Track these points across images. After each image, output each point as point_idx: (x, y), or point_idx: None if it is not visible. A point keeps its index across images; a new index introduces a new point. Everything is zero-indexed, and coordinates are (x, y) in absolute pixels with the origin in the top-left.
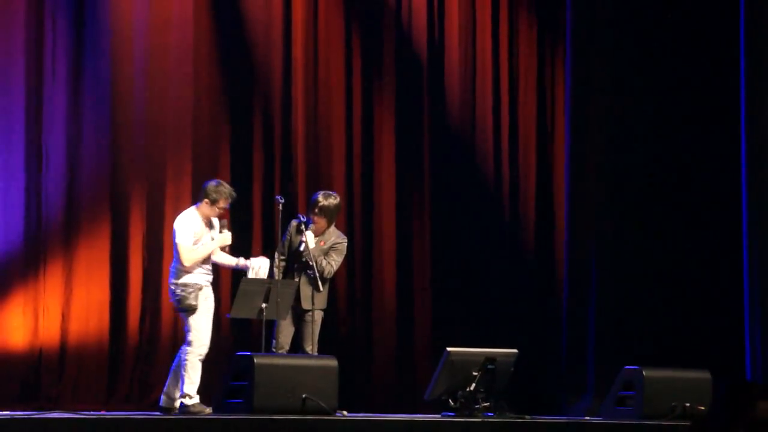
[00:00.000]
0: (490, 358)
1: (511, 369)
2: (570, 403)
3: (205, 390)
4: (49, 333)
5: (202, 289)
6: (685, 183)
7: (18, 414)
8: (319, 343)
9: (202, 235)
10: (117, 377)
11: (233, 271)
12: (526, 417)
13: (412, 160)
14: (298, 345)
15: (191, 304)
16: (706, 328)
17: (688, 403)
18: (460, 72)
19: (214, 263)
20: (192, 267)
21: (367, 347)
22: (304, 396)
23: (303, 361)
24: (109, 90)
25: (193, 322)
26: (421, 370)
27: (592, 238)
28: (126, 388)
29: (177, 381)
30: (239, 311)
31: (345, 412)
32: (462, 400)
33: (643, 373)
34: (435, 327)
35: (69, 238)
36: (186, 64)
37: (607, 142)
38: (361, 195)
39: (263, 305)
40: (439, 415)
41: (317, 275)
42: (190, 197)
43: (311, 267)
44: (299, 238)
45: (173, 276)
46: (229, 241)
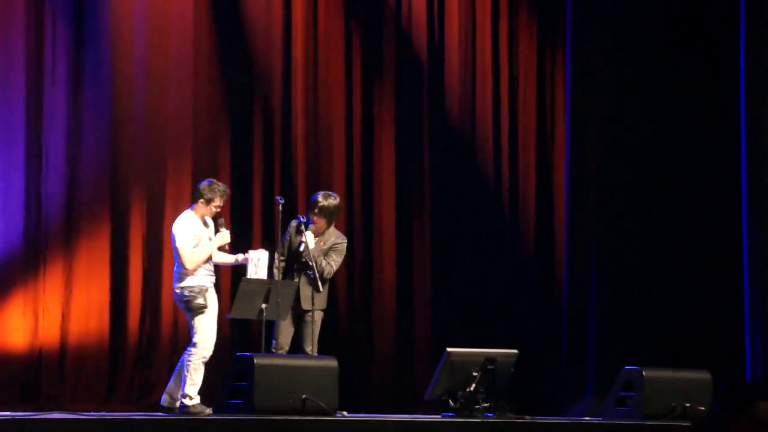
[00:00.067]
0: (490, 358)
1: (511, 369)
2: (570, 403)
3: (205, 390)
4: (49, 333)
5: (207, 290)
6: (685, 183)
7: (18, 414)
8: (319, 343)
9: (201, 236)
10: (117, 377)
11: (233, 272)
12: (526, 417)
13: (412, 160)
14: (297, 345)
15: (200, 303)
16: (706, 328)
17: (688, 403)
18: (460, 72)
19: (215, 264)
20: (195, 269)
21: (367, 347)
22: (304, 396)
23: (303, 361)
24: (109, 90)
25: (199, 323)
26: (421, 370)
27: (592, 238)
28: (126, 389)
29: (179, 381)
30: (239, 311)
31: (345, 413)
32: (462, 401)
33: (643, 373)
34: (435, 327)
35: (69, 238)
36: (186, 64)
37: (607, 142)
38: (361, 195)
39: (263, 306)
40: (439, 416)
41: (317, 276)
42: (190, 197)
43: (311, 267)
44: (299, 238)
45: (176, 280)
46: (228, 239)
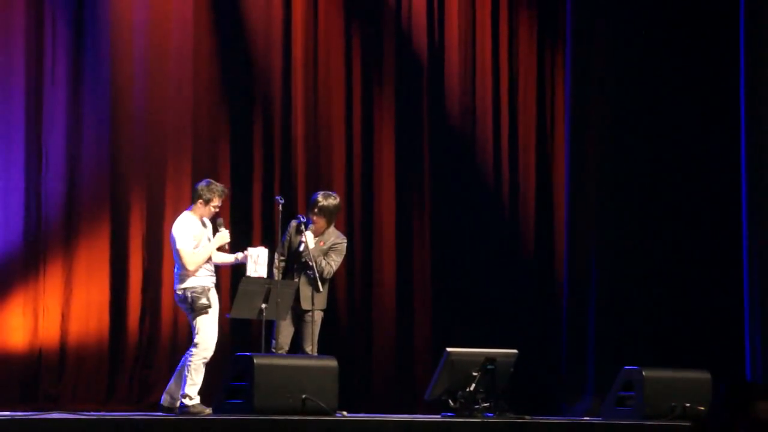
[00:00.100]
0: (490, 358)
1: (511, 369)
2: (570, 403)
3: (205, 390)
4: (49, 333)
5: (209, 290)
6: (685, 183)
7: (18, 414)
8: (319, 343)
9: (201, 237)
10: (117, 377)
11: (233, 271)
12: (526, 417)
13: (412, 160)
14: (297, 345)
15: (204, 304)
16: (706, 328)
17: (688, 403)
18: (460, 72)
19: (215, 265)
20: (196, 270)
21: (367, 347)
22: (304, 396)
23: (303, 361)
24: (109, 90)
25: (201, 324)
26: (421, 370)
27: (592, 238)
28: (126, 388)
29: (180, 381)
30: (239, 311)
31: (345, 413)
32: (462, 401)
33: (643, 373)
34: (435, 327)
35: (69, 238)
36: (186, 64)
37: (607, 141)
38: (361, 195)
39: (263, 305)
40: (439, 416)
41: (317, 275)
42: (190, 197)
43: (311, 267)
44: (299, 238)
45: (178, 282)
46: (227, 239)
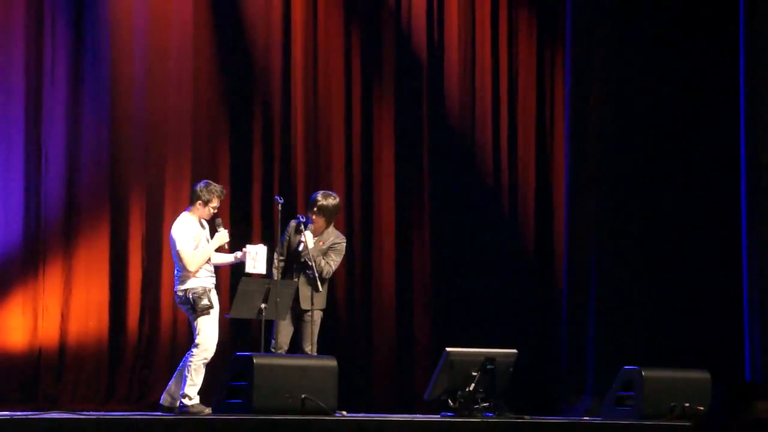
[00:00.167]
0: (490, 358)
1: (511, 369)
2: (570, 403)
3: (205, 390)
4: (49, 333)
5: (210, 291)
6: (685, 182)
7: (18, 414)
8: (319, 343)
9: (200, 238)
10: (116, 377)
11: (233, 271)
12: (526, 417)
13: (412, 160)
14: (297, 345)
15: (206, 305)
16: (705, 328)
17: (687, 403)
18: (460, 72)
19: (215, 265)
20: (196, 271)
21: (367, 347)
22: (303, 396)
23: (302, 361)
24: (109, 90)
25: (201, 325)
26: (420, 370)
27: (592, 238)
28: (125, 388)
29: (180, 381)
30: (239, 311)
31: (345, 412)
32: (461, 401)
33: (643, 373)
34: (435, 327)
35: (68, 238)
36: (186, 64)
37: (606, 141)
38: (361, 195)
39: (263, 305)
40: (438, 415)
41: (316, 275)
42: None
43: (310, 267)
44: (298, 238)
45: (178, 283)
46: (226, 239)
